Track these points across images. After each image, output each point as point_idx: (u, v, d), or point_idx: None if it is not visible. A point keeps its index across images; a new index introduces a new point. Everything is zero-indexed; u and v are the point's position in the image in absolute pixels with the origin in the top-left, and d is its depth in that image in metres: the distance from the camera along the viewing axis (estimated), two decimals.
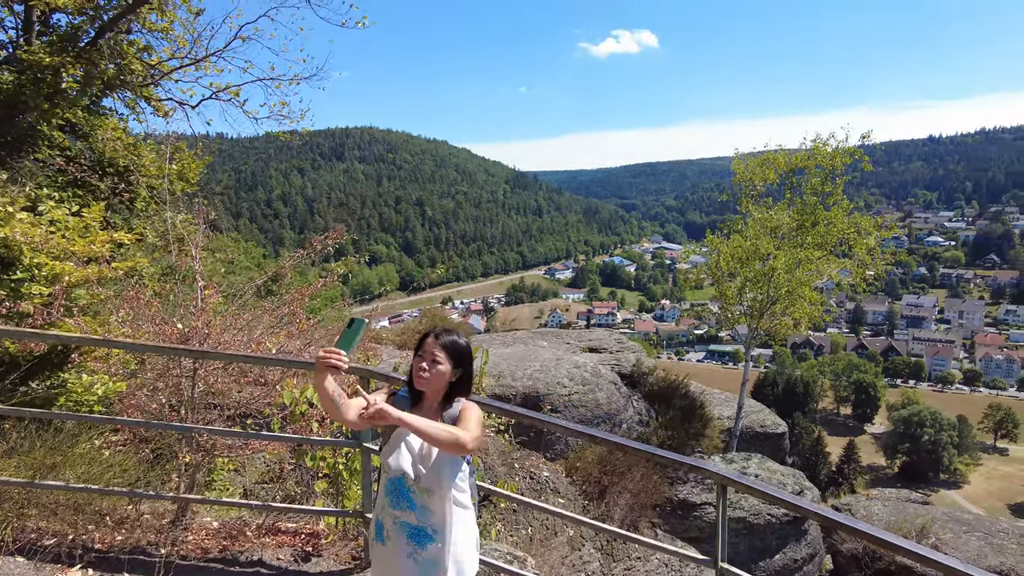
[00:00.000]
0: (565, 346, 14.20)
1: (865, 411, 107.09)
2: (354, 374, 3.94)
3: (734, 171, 12.94)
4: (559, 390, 10.42)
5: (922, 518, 13.03)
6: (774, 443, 13.77)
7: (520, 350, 12.83)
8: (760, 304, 11.90)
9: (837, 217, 11.45)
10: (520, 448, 9.58)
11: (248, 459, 6.25)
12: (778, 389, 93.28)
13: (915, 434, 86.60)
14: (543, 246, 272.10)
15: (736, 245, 11.85)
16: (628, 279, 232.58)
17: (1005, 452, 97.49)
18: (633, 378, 12.58)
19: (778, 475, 10.67)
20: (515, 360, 11.38)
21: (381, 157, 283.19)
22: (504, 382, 10.32)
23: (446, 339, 2.82)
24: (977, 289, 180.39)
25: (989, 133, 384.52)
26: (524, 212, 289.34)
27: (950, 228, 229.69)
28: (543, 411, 10.18)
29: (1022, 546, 11.81)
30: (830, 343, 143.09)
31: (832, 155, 11.63)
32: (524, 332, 15.24)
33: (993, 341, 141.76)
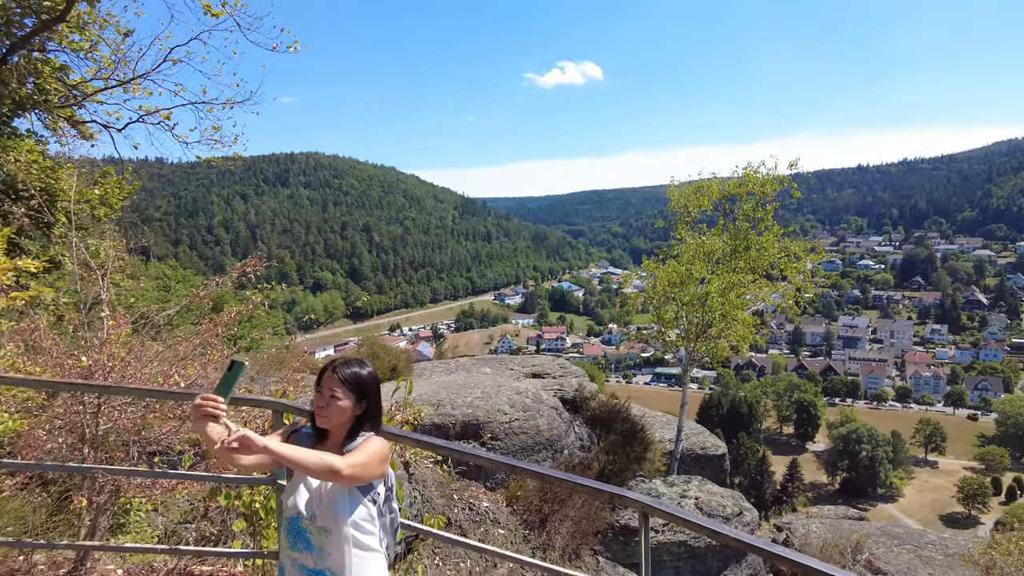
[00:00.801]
0: (508, 372, 14.13)
1: (807, 429, 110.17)
2: (267, 407, 3.77)
3: (670, 198, 13.25)
4: (499, 417, 10.31)
5: (857, 534, 13.37)
6: (715, 465, 13.94)
7: (462, 377, 12.69)
8: (696, 327, 12.14)
9: (768, 242, 11.85)
10: (459, 479, 9.40)
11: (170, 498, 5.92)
12: (723, 410, 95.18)
13: (853, 451, 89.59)
14: (493, 272, 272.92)
15: (672, 270, 12.10)
16: (577, 304, 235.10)
17: (935, 465, 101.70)
18: (575, 403, 12.58)
19: (717, 497, 10.77)
20: (455, 388, 11.23)
21: (327, 183, 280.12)
22: (443, 411, 10.15)
23: (345, 372, 2.66)
24: (905, 310, 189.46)
25: (911, 163, 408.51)
26: (473, 238, 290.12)
27: (880, 252, 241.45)
28: (483, 439, 10.05)
29: (948, 558, 12.21)
30: (771, 364, 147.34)
31: (763, 183, 12.06)
32: (467, 359, 15.13)
33: (921, 359, 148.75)
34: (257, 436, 2.30)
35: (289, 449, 2.35)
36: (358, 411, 2.68)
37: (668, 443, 13.24)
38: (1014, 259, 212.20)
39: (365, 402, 2.70)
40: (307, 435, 2.75)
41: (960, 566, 11.78)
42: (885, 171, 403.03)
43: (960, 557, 11.97)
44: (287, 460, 2.33)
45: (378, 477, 2.65)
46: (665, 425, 14.58)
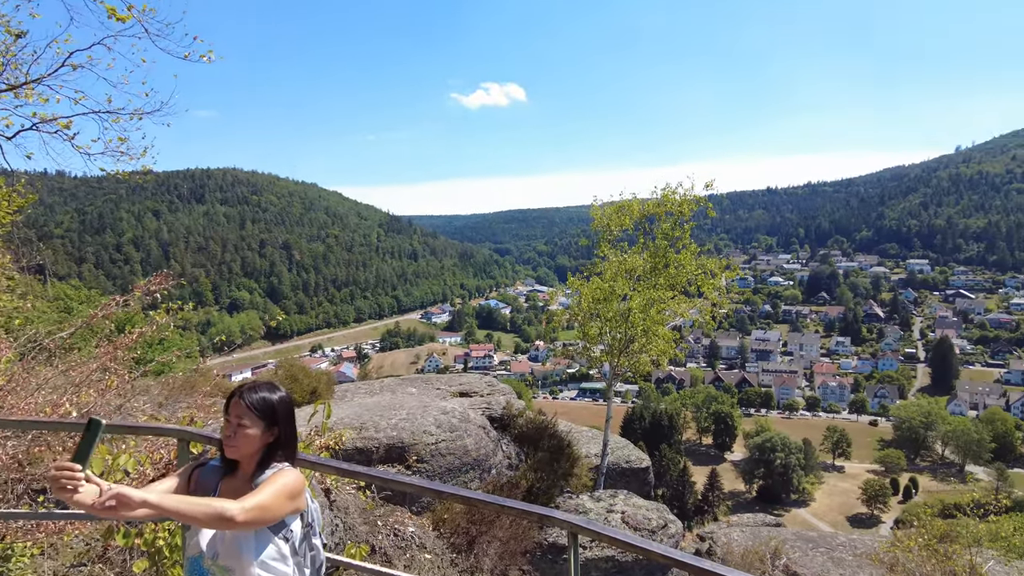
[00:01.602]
0: (435, 392, 13.91)
1: (725, 440, 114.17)
2: (171, 436, 3.49)
3: (593, 217, 13.51)
4: (425, 439, 10.10)
5: (775, 540, 13.84)
6: (640, 477, 14.16)
7: (387, 399, 12.39)
8: (619, 343, 12.37)
9: (686, 259, 12.27)
10: (384, 504, 9.12)
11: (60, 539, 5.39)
12: (645, 423, 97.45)
13: (768, 459, 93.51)
14: (419, 290, 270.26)
15: (596, 287, 12.31)
16: (504, 321, 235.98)
17: (842, 469, 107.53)
18: (503, 421, 12.51)
19: (643, 510, 10.91)
20: (379, 410, 10.93)
21: (245, 199, 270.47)
22: (367, 434, 9.84)
23: (253, 397, 2.47)
24: (813, 323, 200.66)
25: (815, 186, 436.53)
26: (399, 256, 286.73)
27: (788, 269, 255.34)
28: (409, 462, 9.80)
29: (857, 558, 12.81)
30: (690, 377, 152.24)
31: (680, 203, 12.48)
32: (392, 379, 14.81)
33: (828, 370, 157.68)
34: (134, 491, 2.06)
35: (172, 501, 2.11)
36: (269, 439, 2.50)
37: (594, 458, 13.35)
38: (905, 275, 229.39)
39: (276, 429, 2.51)
40: (213, 469, 2.54)
41: (868, 565, 12.34)
42: (792, 193, 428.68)
43: (867, 556, 12.56)
44: (171, 514, 2.10)
45: (291, 514, 2.46)
46: (591, 440, 14.71)
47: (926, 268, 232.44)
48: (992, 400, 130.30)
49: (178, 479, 2.50)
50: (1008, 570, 10.96)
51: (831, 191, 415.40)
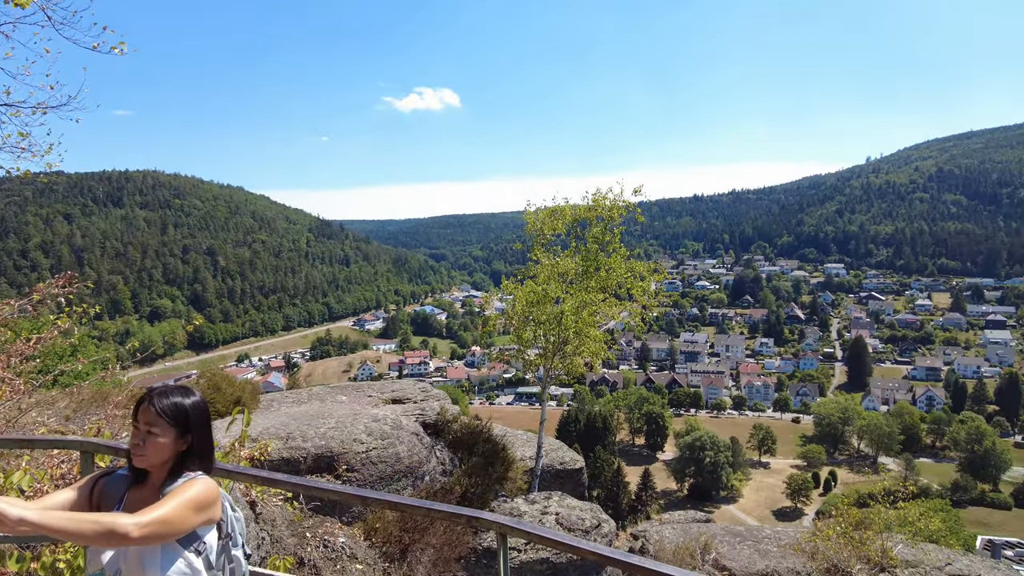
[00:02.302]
0: (367, 399, 13.63)
1: (656, 440, 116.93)
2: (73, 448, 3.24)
3: (526, 222, 13.59)
4: (356, 447, 9.86)
5: (704, 536, 14.22)
6: (574, 479, 14.28)
7: (315, 407, 12.04)
8: (552, 345, 12.47)
9: (616, 263, 12.50)
10: (313, 514, 8.83)
11: None
12: (580, 426, 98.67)
13: (698, 457, 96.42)
14: (351, 296, 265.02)
15: (529, 290, 12.38)
16: (440, 327, 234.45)
17: (767, 465, 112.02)
18: (437, 427, 12.37)
19: (576, 511, 10.99)
20: (307, 419, 10.61)
21: (166, 203, 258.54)
22: (294, 444, 9.52)
23: (164, 403, 2.30)
24: (738, 325, 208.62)
25: (739, 194, 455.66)
26: (330, 262, 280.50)
27: (714, 273, 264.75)
28: (338, 471, 9.54)
29: (781, 548, 13.30)
30: (623, 379, 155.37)
31: (610, 208, 12.71)
32: (321, 388, 14.42)
33: (753, 370, 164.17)
34: (10, 507, 1.83)
35: (55, 517, 1.89)
36: (181, 447, 2.34)
37: (529, 461, 13.38)
38: (823, 279, 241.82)
39: (189, 436, 2.35)
40: (121, 478, 2.35)
41: (791, 555, 12.80)
42: (717, 201, 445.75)
43: (791, 547, 13.02)
44: (54, 532, 1.89)
45: (202, 525, 2.28)
46: (526, 443, 14.74)
47: (842, 272, 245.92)
48: (900, 395, 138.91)
49: (77, 492, 2.29)
50: (915, 551, 11.60)
51: (754, 199, 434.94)
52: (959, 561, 12.69)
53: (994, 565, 13.57)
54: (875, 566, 11.34)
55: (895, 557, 11.43)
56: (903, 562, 11.70)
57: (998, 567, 13.40)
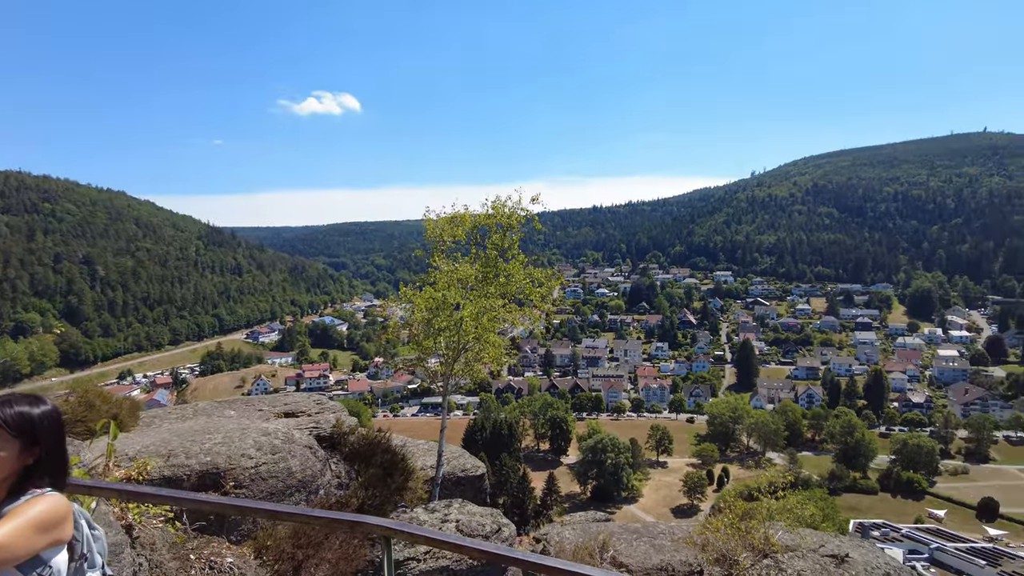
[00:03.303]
0: (257, 413, 13.02)
1: (561, 444, 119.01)
2: None
3: (426, 228, 13.52)
4: (244, 463, 9.38)
5: (603, 534, 14.59)
6: (475, 485, 14.26)
7: (201, 423, 11.37)
8: (452, 352, 12.45)
9: (516, 269, 12.67)
10: (198, 535, 8.30)
11: None
12: (486, 434, 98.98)
13: (600, 460, 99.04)
14: (244, 308, 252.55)
15: (428, 296, 12.30)
16: (340, 339, 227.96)
17: (665, 465, 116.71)
18: (333, 439, 12.00)
19: (477, 517, 10.98)
20: (192, 435, 9.99)
21: (34, 207, 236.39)
22: (176, 461, 8.93)
23: (6, 412, 2.08)
24: (635, 331, 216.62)
25: (635, 205, 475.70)
26: (221, 271, 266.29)
27: (613, 281, 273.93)
28: (225, 488, 9.04)
29: (675, 543, 13.86)
30: (528, 386, 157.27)
31: (509, 215, 12.87)
32: (207, 403, 13.63)
33: (650, 373, 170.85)
34: None
35: None
36: (27, 460, 2.11)
37: (430, 470, 13.24)
38: (712, 286, 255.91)
39: (37, 449, 2.13)
40: None
41: (684, 548, 13.35)
42: (615, 211, 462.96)
43: (684, 541, 13.57)
44: None
45: (48, 548, 2.05)
46: (427, 452, 14.58)
47: (730, 279, 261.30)
48: (784, 394, 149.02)
49: None
50: (793, 536, 12.42)
51: (649, 210, 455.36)
52: (831, 543, 13.73)
53: (860, 544, 14.75)
54: (759, 553, 12.01)
55: (776, 543, 12.17)
56: (784, 547, 12.48)
57: (863, 545, 14.59)
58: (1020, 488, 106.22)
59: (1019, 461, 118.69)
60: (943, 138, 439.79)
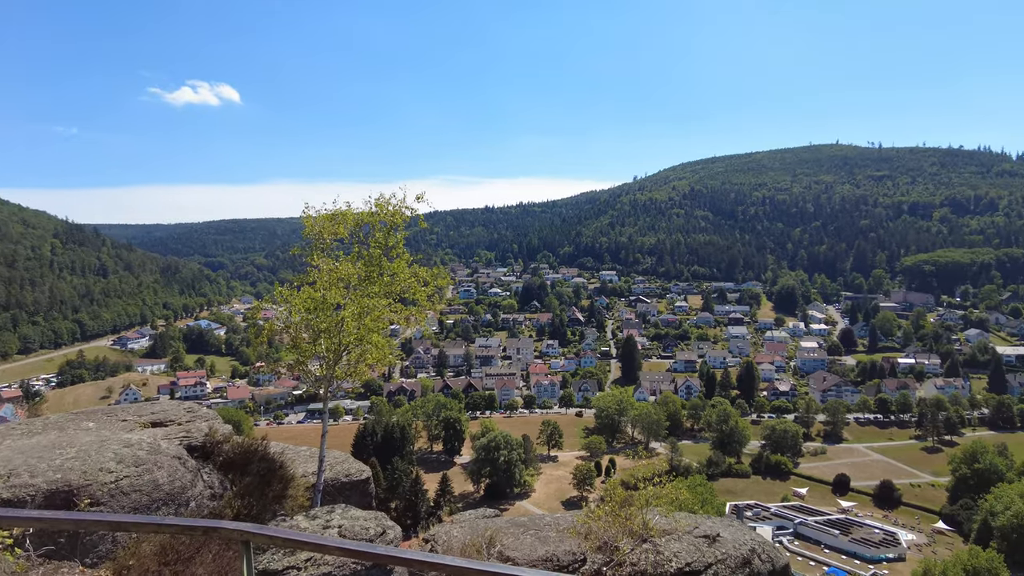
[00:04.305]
0: (121, 424, 12.05)
1: (454, 444, 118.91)
2: None
3: (305, 225, 13.07)
4: (103, 477, 8.66)
5: (490, 530, 14.74)
6: (360, 489, 13.97)
7: (52, 437, 10.37)
8: (334, 354, 12.10)
9: (400, 268, 12.48)
10: (45, 561, 7.57)
11: None
12: (377, 438, 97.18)
13: (493, 458, 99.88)
14: (110, 312, 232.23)
15: (307, 297, 11.88)
16: (218, 344, 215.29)
17: (556, 459, 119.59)
18: (206, 449, 11.35)
19: (361, 521, 10.77)
20: (40, 451, 9.09)
21: None
22: (18, 480, 8.10)
23: None
24: (527, 329, 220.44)
25: (526, 207, 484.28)
26: (83, 272, 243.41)
27: (505, 281, 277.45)
28: (80, 507, 8.30)
29: (560, 533, 14.25)
30: (420, 387, 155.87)
31: (393, 212, 12.68)
32: (61, 415, 12.42)
33: (541, 370, 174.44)
34: None
35: None
36: None
37: (312, 476, 12.83)
38: (599, 284, 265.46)
39: None
40: None
41: (569, 538, 13.73)
42: (507, 212, 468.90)
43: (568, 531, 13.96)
44: None
45: None
46: (309, 458, 14.11)
47: (615, 278, 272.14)
48: (665, 386, 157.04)
49: None
50: (669, 520, 13.13)
51: (539, 211, 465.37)
52: (704, 524, 14.64)
53: (730, 523, 15.85)
54: (638, 538, 12.58)
55: (654, 528, 12.81)
56: (661, 531, 13.15)
57: (732, 525, 15.68)
58: (867, 464, 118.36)
59: (866, 440, 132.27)
60: (803, 148, 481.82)
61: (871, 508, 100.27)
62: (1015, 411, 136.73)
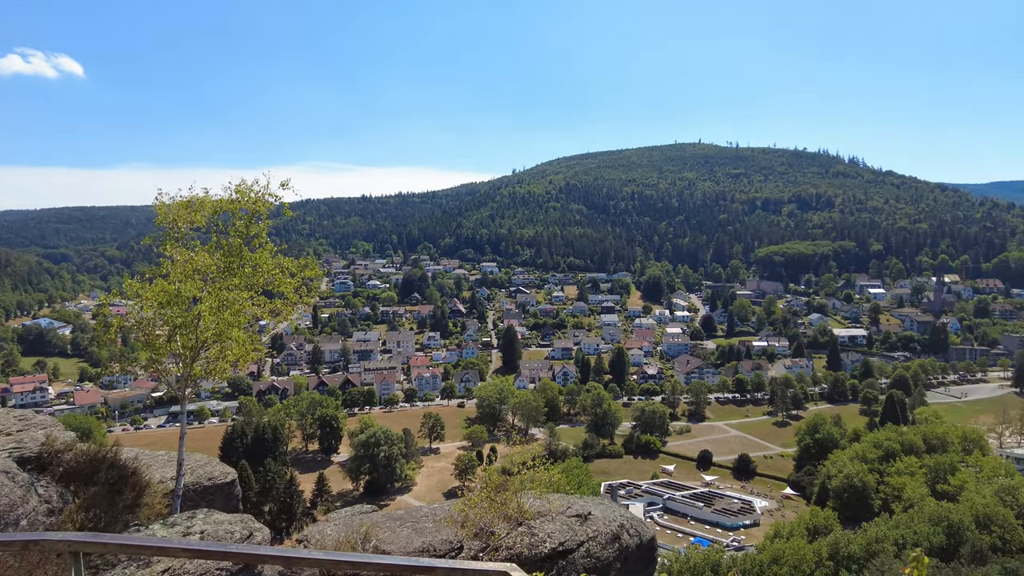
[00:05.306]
0: None
1: (331, 443, 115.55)
2: None
3: (157, 213, 12.07)
4: None
5: (365, 525, 14.49)
6: (225, 492, 13.26)
7: None
8: (191, 351, 11.32)
9: (263, 259, 11.84)
10: None
11: None
12: (248, 440, 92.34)
13: (372, 454, 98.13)
14: None
15: (159, 290, 11.00)
16: (63, 344, 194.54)
17: (438, 451, 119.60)
18: (42, 460, 10.26)
19: (225, 525, 10.22)
20: None
21: None
22: None
23: None
24: (408, 322, 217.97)
25: (405, 197, 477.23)
26: None
27: (384, 273, 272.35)
28: None
29: (436, 523, 14.30)
30: (294, 385, 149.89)
31: (255, 200, 12.01)
32: None
33: (422, 363, 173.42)
34: None
35: None
36: None
37: (171, 482, 11.99)
38: (480, 276, 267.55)
39: None
40: None
41: (446, 528, 13.81)
42: (385, 202, 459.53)
43: (445, 520, 14.02)
44: None
45: None
46: (168, 463, 13.18)
47: (495, 269, 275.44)
48: (544, 373, 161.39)
49: None
50: (543, 502, 13.54)
51: (419, 202, 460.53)
52: (577, 504, 15.25)
53: (601, 502, 16.61)
54: (514, 521, 12.87)
55: (528, 511, 13.16)
56: (536, 513, 13.53)
57: (603, 503, 16.45)
58: (727, 440, 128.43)
59: (726, 418, 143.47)
60: (669, 146, 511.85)
61: (731, 480, 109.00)
62: (847, 386, 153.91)
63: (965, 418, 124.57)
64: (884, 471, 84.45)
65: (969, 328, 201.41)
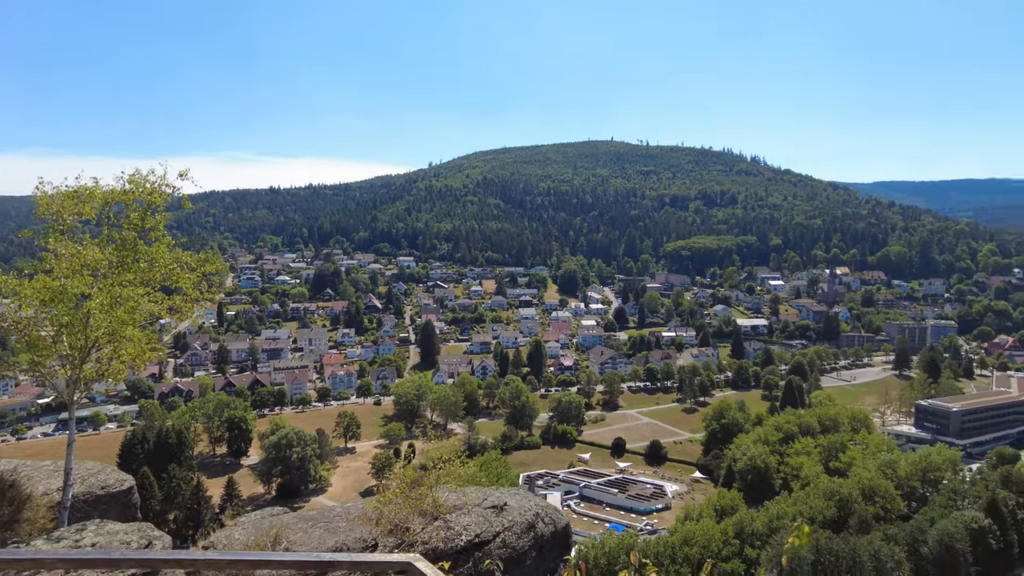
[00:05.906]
0: None
1: (240, 446, 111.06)
2: None
3: (39, 204, 11.18)
4: None
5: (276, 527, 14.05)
6: (122, 501, 12.49)
7: None
8: (80, 351, 10.57)
9: (160, 253, 11.21)
10: None
11: None
12: (149, 445, 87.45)
13: (285, 456, 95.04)
14: None
15: (42, 286, 10.20)
16: None
17: (354, 451, 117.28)
18: None
19: (120, 535, 9.65)
20: None
21: None
22: None
23: None
24: (320, 318, 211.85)
25: (316, 189, 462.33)
26: None
27: (295, 268, 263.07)
28: None
29: (350, 522, 14.06)
30: (199, 386, 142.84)
31: (151, 191, 11.34)
32: None
33: (336, 360, 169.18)
34: None
35: None
36: None
37: (57, 492, 11.17)
38: (396, 271, 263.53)
39: None
40: None
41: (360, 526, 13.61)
42: (295, 194, 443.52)
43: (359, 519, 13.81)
44: None
45: None
46: (54, 473, 12.27)
47: (412, 264, 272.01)
48: (463, 368, 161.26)
49: None
50: (459, 496, 13.59)
51: (331, 194, 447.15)
52: (493, 495, 15.38)
53: (516, 492, 16.83)
54: (429, 516, 12.84)
55: (444, 505, 13.17)
56: (452, 507, 13.56)
57: (519, 493, 16.68)
58: (639, 427, 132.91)
59: (638, 406, 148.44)
60: (582, 143, 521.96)
61: (644, 466, 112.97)
62: (750, 373, 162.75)
63: (854, 400, 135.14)
64: (784, 452, 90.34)
65: (857, 317, 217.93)
